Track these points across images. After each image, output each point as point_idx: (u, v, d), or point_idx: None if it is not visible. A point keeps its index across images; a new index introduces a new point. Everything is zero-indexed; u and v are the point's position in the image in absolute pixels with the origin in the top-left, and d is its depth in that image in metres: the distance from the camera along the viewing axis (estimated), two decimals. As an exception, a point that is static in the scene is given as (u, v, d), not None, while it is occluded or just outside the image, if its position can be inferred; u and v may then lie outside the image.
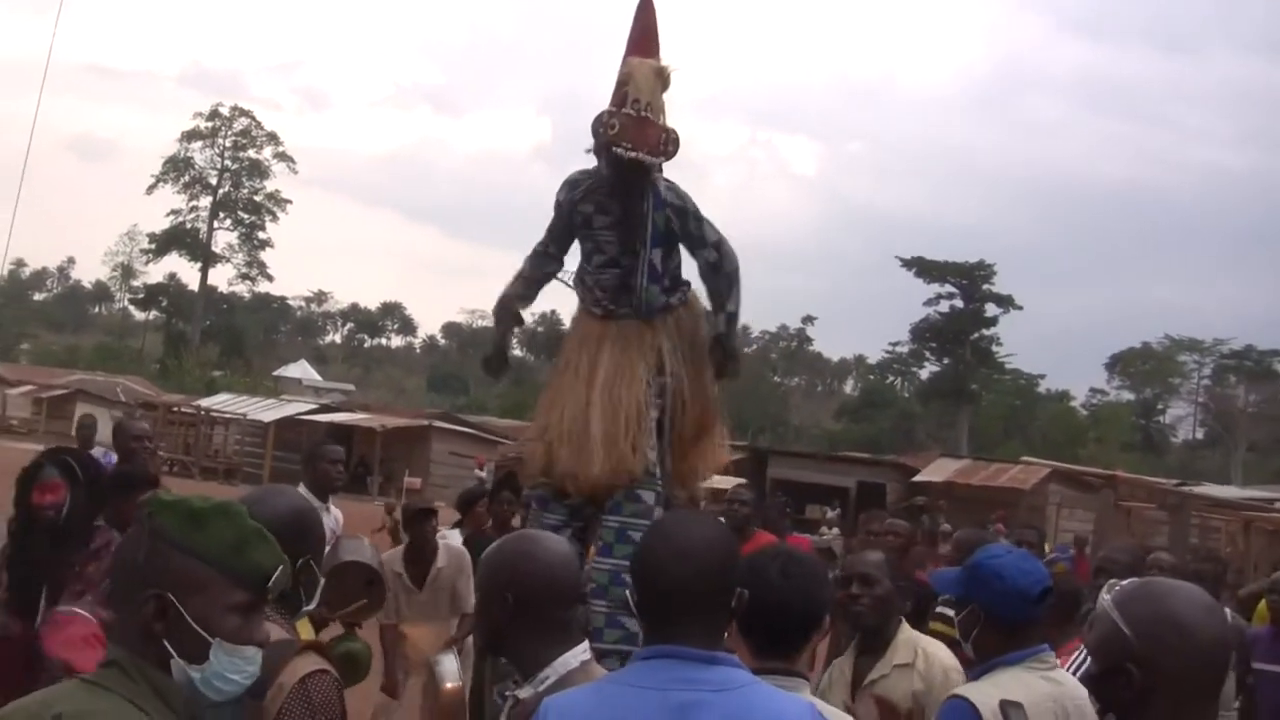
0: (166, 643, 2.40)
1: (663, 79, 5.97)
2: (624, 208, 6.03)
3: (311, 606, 3.74)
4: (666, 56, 6.12)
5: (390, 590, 7.02)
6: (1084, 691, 3.94)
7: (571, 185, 6.21)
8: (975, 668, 4.19)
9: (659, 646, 2.97)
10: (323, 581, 3.73)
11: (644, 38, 6.12)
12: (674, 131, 5.91)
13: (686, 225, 6.08)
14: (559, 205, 6.27)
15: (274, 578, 2.55)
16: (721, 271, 6.17)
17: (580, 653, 3.33)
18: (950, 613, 4.99)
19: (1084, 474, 20.83)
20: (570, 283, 6.39)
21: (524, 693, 3.31)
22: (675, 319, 6.25)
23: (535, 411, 6.47)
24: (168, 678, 2.42)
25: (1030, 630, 4.12)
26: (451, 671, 5.34)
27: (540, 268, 6.50)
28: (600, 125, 5.84)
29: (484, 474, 21.59)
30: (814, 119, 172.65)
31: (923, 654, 5.04)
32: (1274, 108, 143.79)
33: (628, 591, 3.17)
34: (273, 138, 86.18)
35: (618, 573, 5.71)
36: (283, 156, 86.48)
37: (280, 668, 3.11)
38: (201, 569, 2.43)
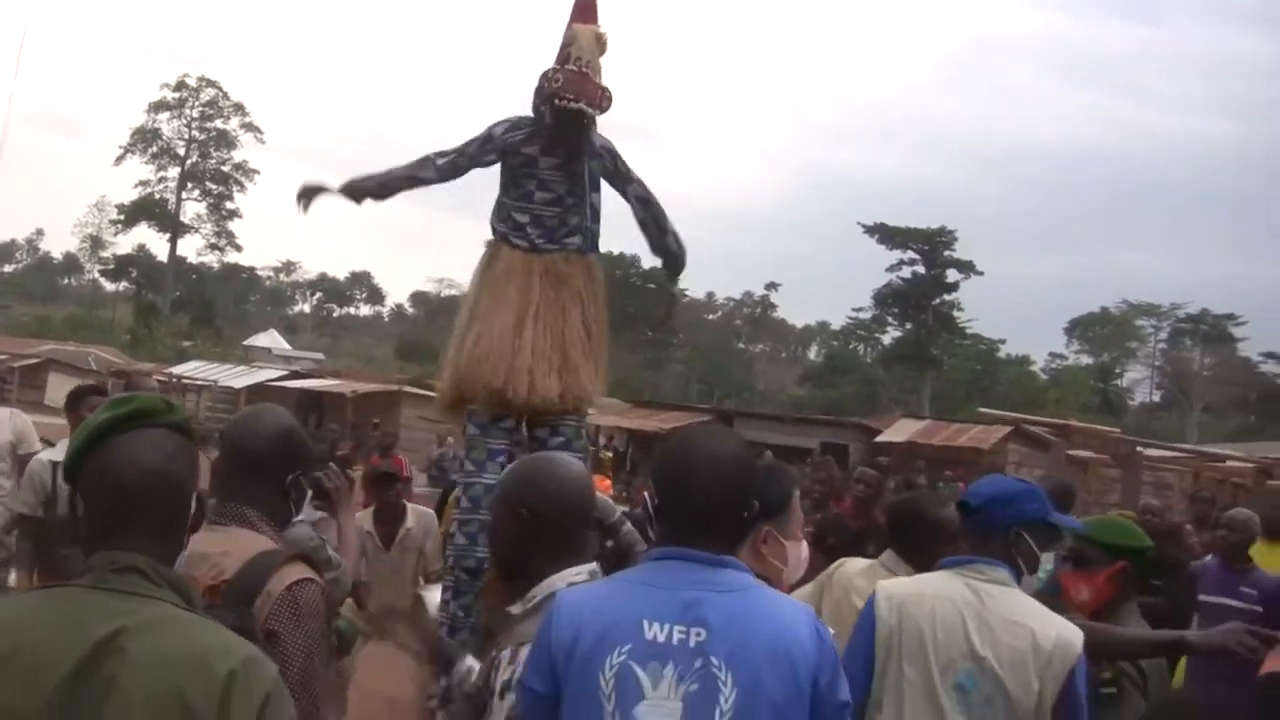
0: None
1: (601, 43, 6.37)
2: (567, 153, 6.37)
3: (300, 518, 3.88)
4: (605, 25, 6.48)
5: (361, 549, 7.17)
6: (1024, 606, 4.08)
7: (514, 126, 6.48)
8: None
9: (670, 549, 3.15)
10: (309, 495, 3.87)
11: (586, 7, 6.50)
12: (609, 90, 6.30)
13: (617, 164, 6.51)
14: (493, 138, 6.49)
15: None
16: (653, 202, 6.60)
17: (573, 574, 3.40)
18: None
19: (1037, 423, 21.09)
20: (494, 222, 6.63)
21: (515, 609, 3.44)
22: (589, 264, 6.63)
23: (455, 335, 6.61)
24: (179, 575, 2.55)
25: (978, 539, 4.21)
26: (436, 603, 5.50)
27: (422, 171, 6.64)
28: (546, 80, 6.23)
29: (444, 449, 21.64)
30: (782, 87, 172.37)
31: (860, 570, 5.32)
32: (1235, 75, 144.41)
33: (647, 494, 3.34)
34: (239, 108, 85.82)
35: None
36: (250, 127, 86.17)
37: (268, 576, 3.27)
38: None
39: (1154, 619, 5.69)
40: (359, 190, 6.66)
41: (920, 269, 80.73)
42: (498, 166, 6.59)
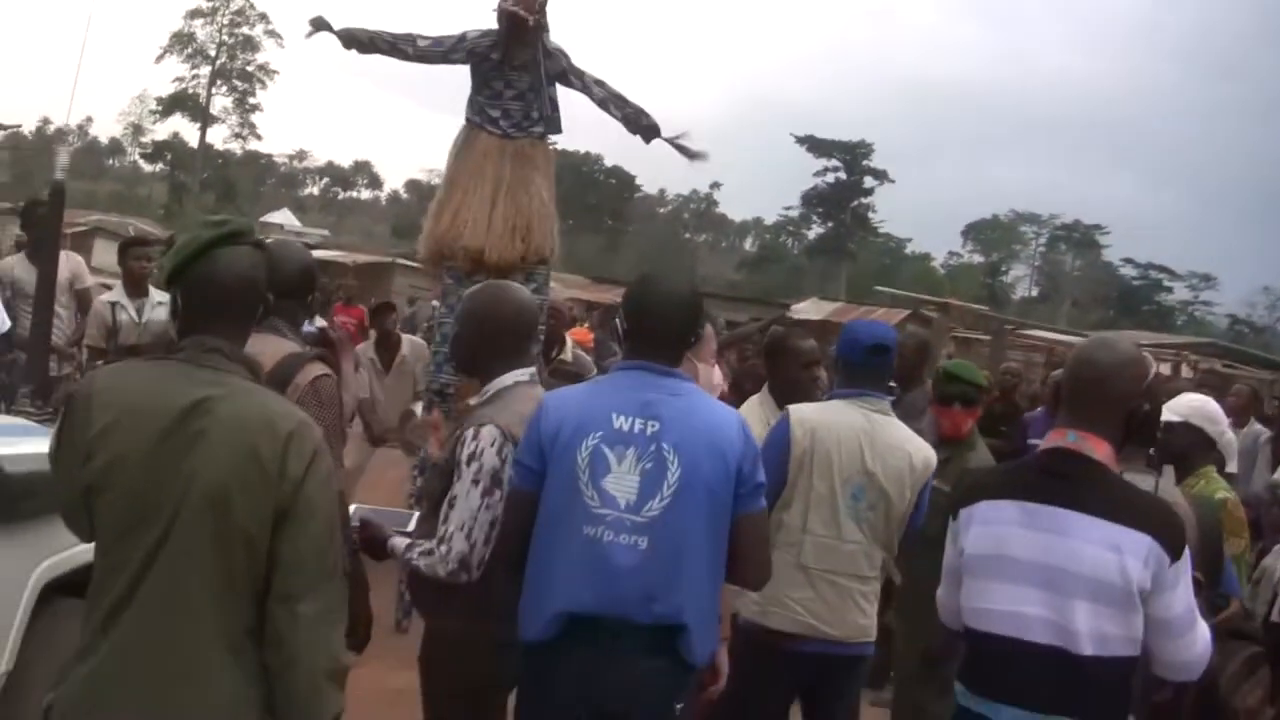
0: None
1: None
2: (516, 52, 6.60)
3: (314, 325, 4.15)
4: None
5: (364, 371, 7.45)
6: (902, 433, 4.44)
7: (483, 34, 6.66)
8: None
9: (633, 361, 3.43)
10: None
11: None
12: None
13: (568, 63, 6.74)
14: (465, 39, 6.69)
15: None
16: (606, 85, 6.83)
17: (520, 375, 3.62)
18: None
19: (923, 302, 21.48)
20: (470, 114, 6.79)
21: (473, 400, 3.69)
22: (544, 147, 6.81)
23: (437, 204, 6.81)
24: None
25: (863, 375, 4.43)
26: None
27: (403, 44, 6.78)
28: None
29: (437, 304, 21.68)
30: (730, 26, 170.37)
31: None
32: (1106, 18, 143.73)
33: (616, 320, 3.62)
34: (264, 17, 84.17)
35: None
36: (272, 33, 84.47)
37: (295, 371, 3.47)
38: None
39: (997, 456, 6.02)
40: (351, 38, 6.77)
41: (842, 175, 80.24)
42: (468, 69, 6.73)
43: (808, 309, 29.71)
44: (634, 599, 3.20)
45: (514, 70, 6.65)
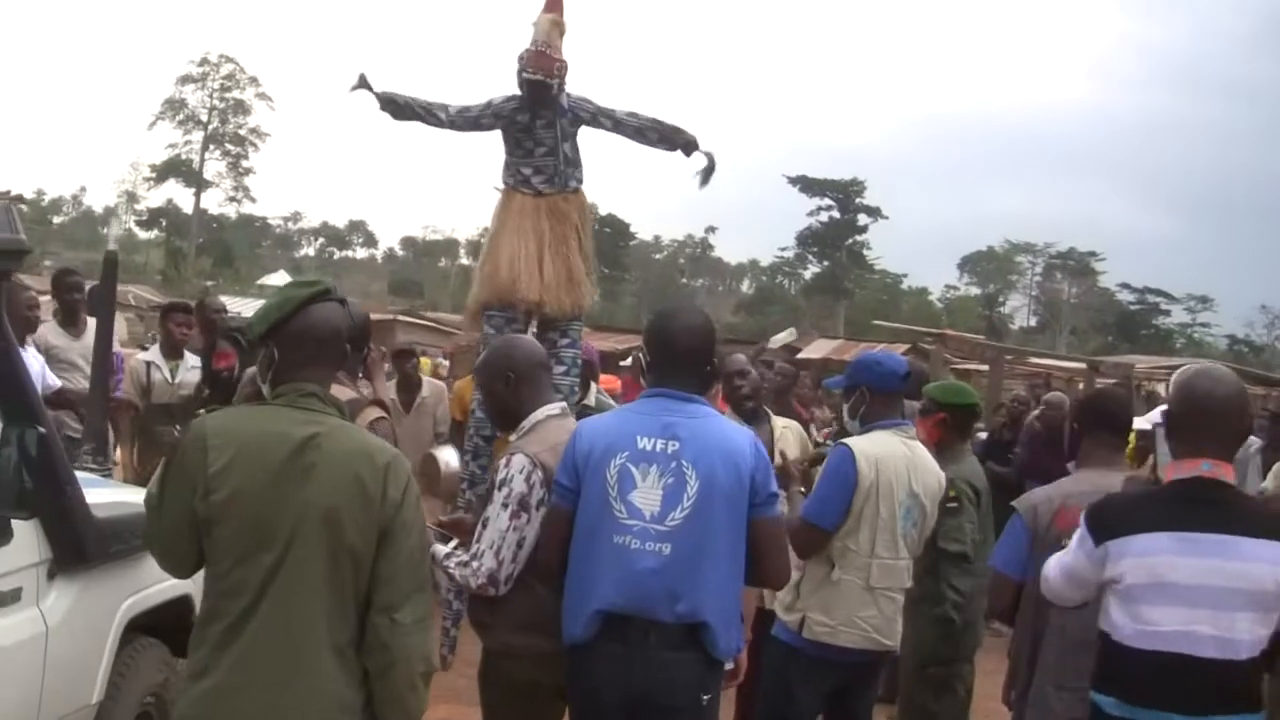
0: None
1: (559, 27, 6.86)
2: (539, 113, 6.81)
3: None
4: (566, 13, 6.97)
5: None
6: (927, 455, 4.89)
7: (508, 99, 6.88)
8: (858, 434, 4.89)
9: (656, 389, 3.84)
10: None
11: (552, 2, 6.97)
12: (565, 62, 6.80)
13: (592, 109, 6.93)
14: (491, 105, 6.92)
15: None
16: (637, 114, 6.98)
17: (550, 409, 4.00)
18: None
19: (921, 334, 21.81)
20: (505, 178, 6.98)
21: (513, 437, 4.03)
22: (580, 199, 7.03)
23: (486, 259, 6.99)
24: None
25: (898, 403, 4.93)
26: (453, 457, 6.05)
27: (436, 112, 6.99)
28: (518, 60, 6.73)
29: (447, 362, 21.87)
30: (719, 68, 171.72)
31: (786, 425, 6.05)
32: (1099, 46, 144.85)
33: (640, 353, 4.06)
34: (254, 80, 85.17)
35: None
36: (263, 96, 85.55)
37: (355, 415, 3.91)
38: None
39: (1000, 480, 6.33)
40: (389, 101, 6.96)
41: (835, 214, 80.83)
42: (499, 134, 6.93)
43: (813, 349, 30.04)
44: (659, 599, 3.59)
45: (543, 128, 6.89)
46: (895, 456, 4.74)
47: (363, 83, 6.91)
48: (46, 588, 3.88)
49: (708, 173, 7.11)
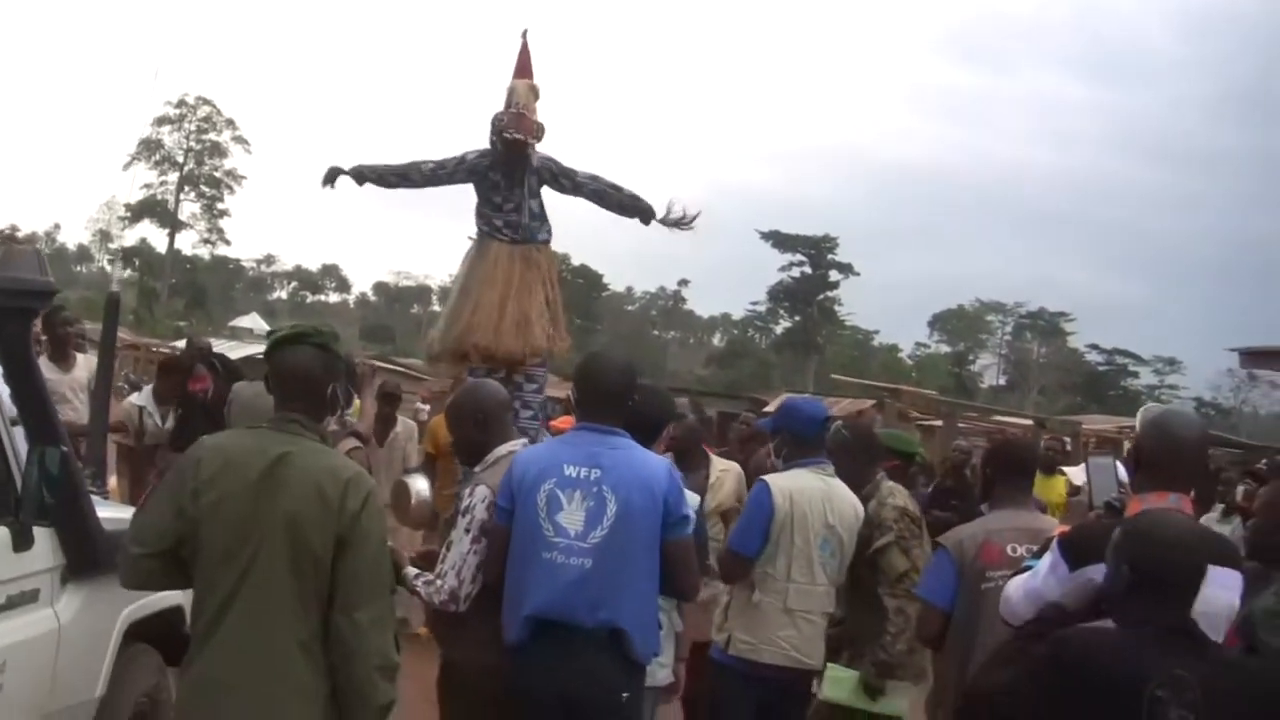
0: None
1: (534, 92, 7.44)
2: (511, 172, 7.34)
3: (345, 411, 5.01)
4: (538, 78, 7.59)
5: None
6: (845, 490, 5.29)
7: (481, 155, 7.42)
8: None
9: (582, 424, 4.33)
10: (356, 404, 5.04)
11: (523, 66, 7.57)
12: (542, 125, 7.35)
13: (555, 170, 7.46)
14: (465, 161, 7.44)
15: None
16: (598, 178, 7.54)
17: (513, 445, 4.44)
18: None
19: (873, 388, 22.46)
20: (479, 224, 7.51)
21: (478, 469, 4.46)
22: (548, 251, 7.59)
23: (452, 307, 7.49)
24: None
25: (816, 445, 5.36)
26: (424, 486, 6.47)
27: (411, 174, 7.52)
28: (497, 120, 7.30)
29: (426, 407, 22.11)
30: (690, 117, 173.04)
31: (725, 468, 6.62)
32: (1065, 113, 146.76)
33: (569, 392, 4.53)
34: (230, 123, 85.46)
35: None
36: (239, 139, 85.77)
37: (335, 444, 4.35)
38: None
39: (945, 527, 6.77)
40: (363, 176, 7.53)
41: (807, 269, 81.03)
42: (471, 186, 7.46)
43: (778, 402, 30.50)
44: (582, 607, 4.05)
45: (510, 186, 7.41)
46: (811, 490, 5.19)
47: (331, 175, 7.48)
48: (60, 591, 4.38)
49: (678, 222, 7.68)
